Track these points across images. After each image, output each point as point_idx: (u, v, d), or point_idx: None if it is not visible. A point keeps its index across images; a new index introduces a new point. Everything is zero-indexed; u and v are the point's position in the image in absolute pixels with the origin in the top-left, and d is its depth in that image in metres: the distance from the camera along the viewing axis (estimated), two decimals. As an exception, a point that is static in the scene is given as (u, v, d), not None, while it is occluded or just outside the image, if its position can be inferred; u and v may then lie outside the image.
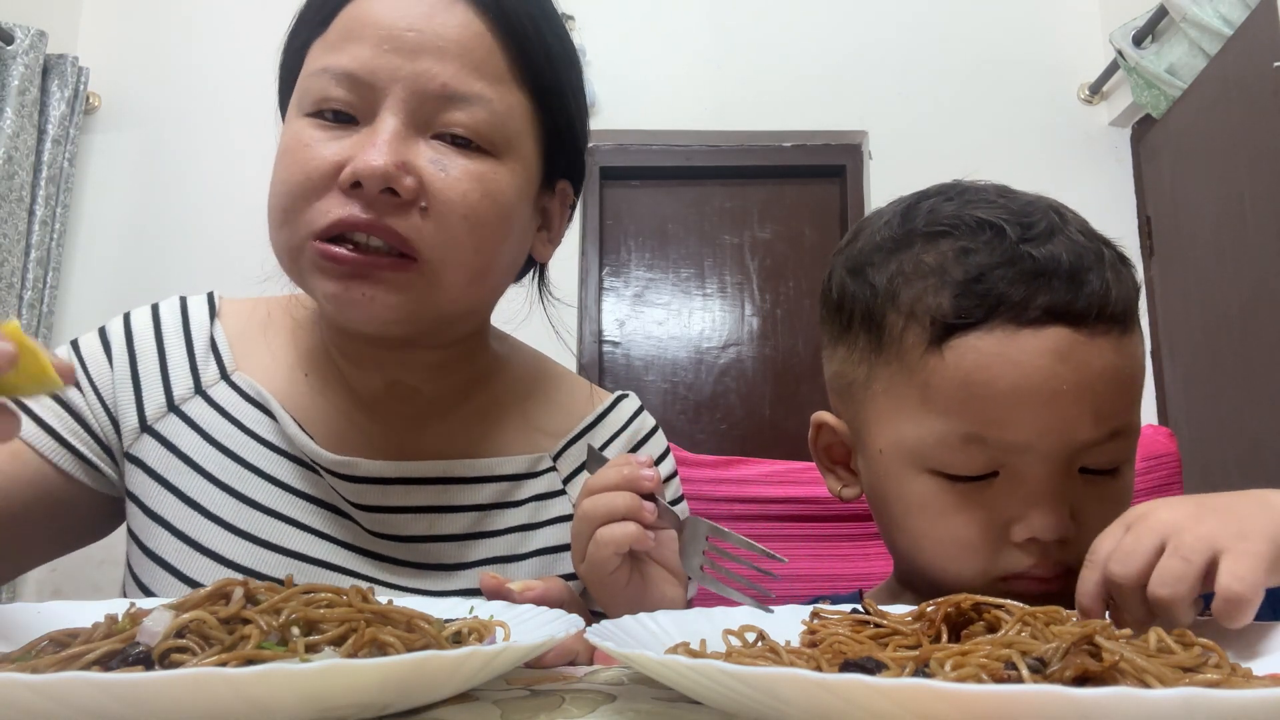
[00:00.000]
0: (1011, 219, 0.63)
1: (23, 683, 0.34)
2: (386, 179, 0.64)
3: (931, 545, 0.65)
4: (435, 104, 0.67)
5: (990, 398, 0.60)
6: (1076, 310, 0.60)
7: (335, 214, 0.66)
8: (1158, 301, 2.86)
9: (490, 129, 0.69)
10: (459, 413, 0.81)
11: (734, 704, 0.39)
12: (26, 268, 2.78)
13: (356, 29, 0.68)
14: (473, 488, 0.78)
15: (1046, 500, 0.61)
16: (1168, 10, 2.57)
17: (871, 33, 3.14)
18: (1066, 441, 0.61)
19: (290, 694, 0.36)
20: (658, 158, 3.16)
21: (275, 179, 0.69)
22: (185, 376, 0.77)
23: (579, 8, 3.00)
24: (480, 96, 0.68)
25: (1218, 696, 0.32)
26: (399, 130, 0.66)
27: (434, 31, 0.67)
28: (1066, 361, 0.59)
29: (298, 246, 0.68)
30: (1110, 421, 0.61)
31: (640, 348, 3.10)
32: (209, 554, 0.72)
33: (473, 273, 0.70)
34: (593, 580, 0.64)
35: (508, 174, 0.70)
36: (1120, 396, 0.62)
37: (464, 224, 0.67)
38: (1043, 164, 2.97)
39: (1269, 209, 2.23)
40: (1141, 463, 1.01)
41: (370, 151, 0.65)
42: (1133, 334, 0.64)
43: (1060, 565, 0.62)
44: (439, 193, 0.67)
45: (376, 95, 0.67)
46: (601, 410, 0.86)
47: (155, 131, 3.09)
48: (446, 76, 0.67)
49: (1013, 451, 0.61)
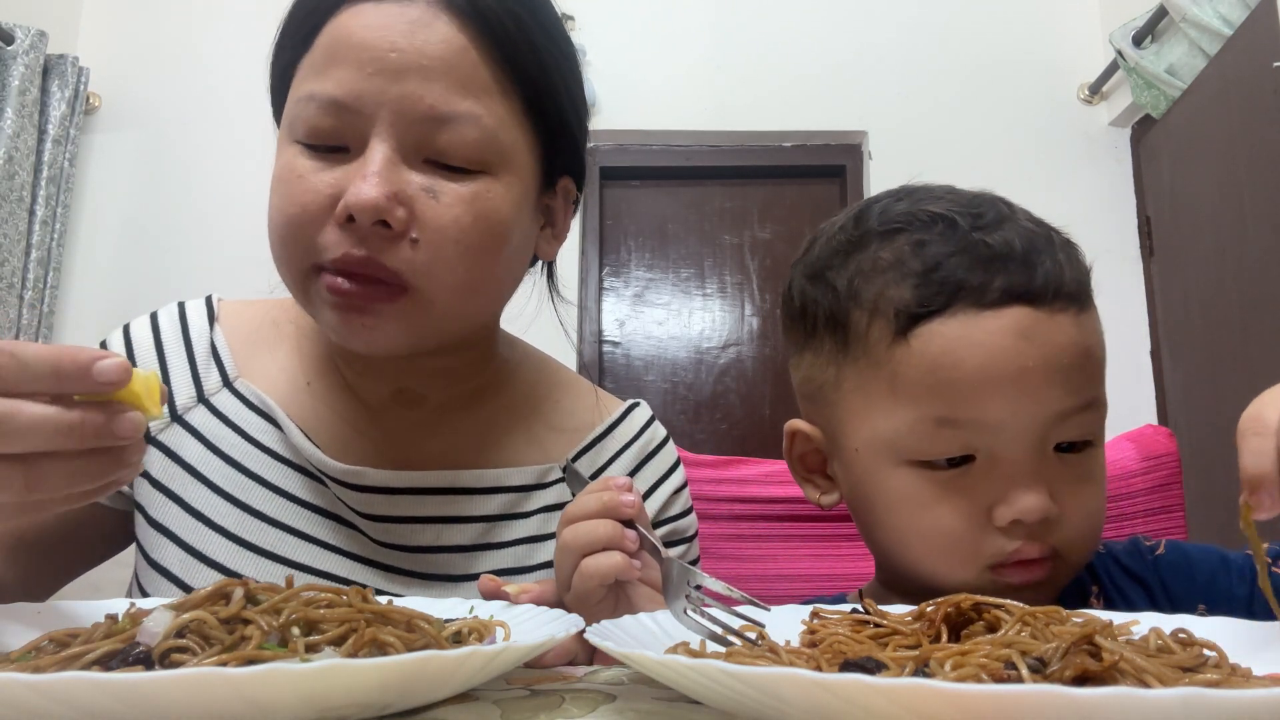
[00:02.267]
0: (962, 211, 0.65)
1: (23, 683, 0.34)
2: (378, 213, 0.64)
3: (917, 540, 0.65)
4: (423, 127, 0.66)
5: (958, 379, 0.61)
6: (1034, 289, 0.61)
7: (332, 253, 0.66)
8: (1158, 301, 2.86)
9: (481, 147, 0.68)
10: (468, 420, 0.81)
11: (734, 704, 0.39)
12: (26, 268, 2.78)
13: (340, 51, 0.67)
14: (481, 498, 0.78)
15: (1026, 479, 0.61)
16: (1167, 10, 2.57)
17: (871, 33, 3.14)
18: (1038, 416, 0.61)
19: (290, 694, 0.36)
20: (658, 158, 3.16)
21: (272, 208, 0.69)
22: (187, 385, 0.77)
23: (579, 8, 3.00)
24: (468, 115, 0.67)
25: (1218, 696, 0.32)
26: (389, 158, 0.66)
27: (416, 50, 0.66)
28: (1030, 339, 0.61)
29: (303, 277, 0.69)
30: (1080, 394, 0.62)
31: (640, 348, 3.10)
32: (213, 565, 0.72)
33: (467, 292, 0.70)
34: (578, 609, 0.63)
35: (503, 189, 0.70)
36: (1086, 370, 0.63)
37: (455, 249, 0.67)
38: (1043, 164, 2.98)
39: (1269, 209, 2.23)
40: (1141, 463, 1.01)
41: (362, 185, 0.64)
42: (1089, 311, 0.65)
43: (1046, 548, 0.63)
44: (429, 221, 0.66)
45: (364, 121, 0.66)
46: (613, 420, 0.85)
47: (155, 131, 3.09)
48: (433, 98, 0.66)
49: (986, 431, 0.62)
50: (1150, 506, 0.99)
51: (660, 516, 0.83)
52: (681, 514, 0.85)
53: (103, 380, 0.46)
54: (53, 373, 0.45)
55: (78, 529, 0.77)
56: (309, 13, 0.70)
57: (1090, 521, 0.65)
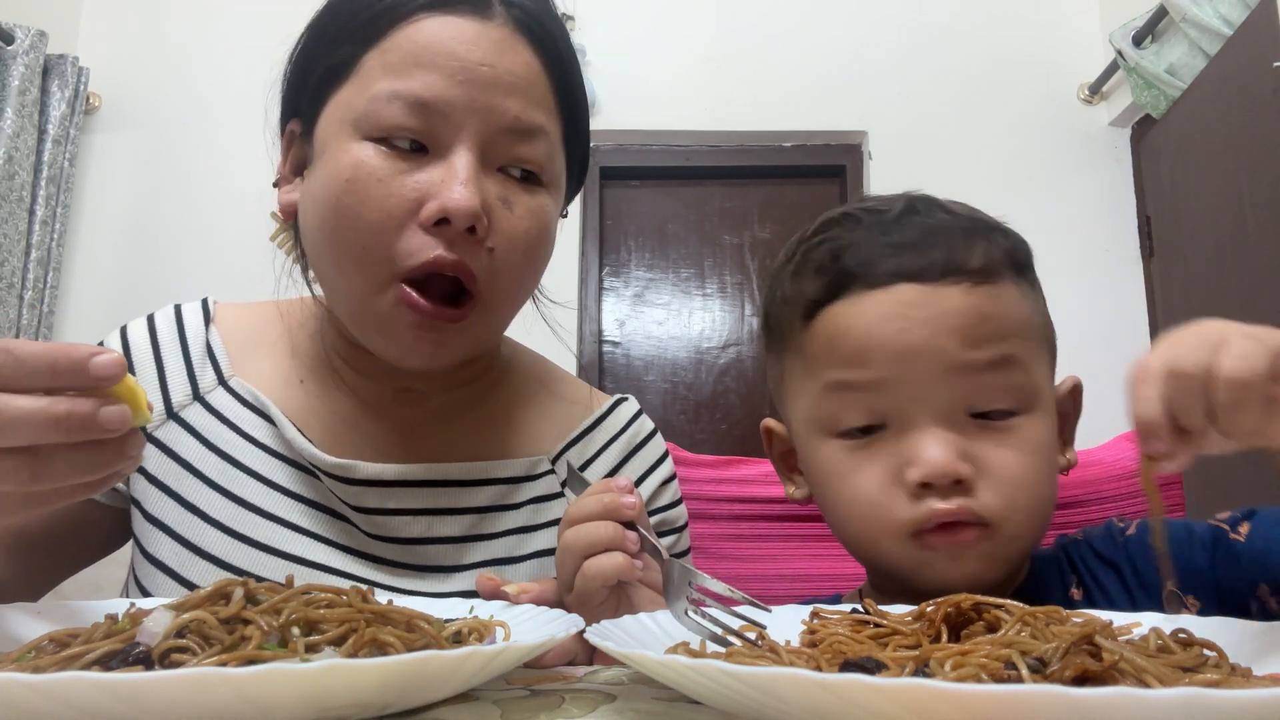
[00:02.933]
0: (870, 209, 0.72)
1: (23, 683, 0.34)
2: (473, 218, 0.66)
3: (844, 510, 0.69)
4: (505, 138, 0.69)
5: (846, 345, 0.67)
6: (920, 269, 0.66)
7: (427, 254, 0.66)
8: (1158, 301, 2.86)
9: (549, 161, 0.72)
10: (466, 417, 0.82)
11: (734, 704, 0.39)
12: (26, 268, 2.78)
13: (426, 56, 0.68)
14: (471, 490, 0.79)
15: (928, 439, 0.64)
16: (1168, 10, 2.57)
17: (871, 33, 3.14)
18: (929, 373, 0.65)
19: (290, 694, 0.36)
20: (658, 158, 3.16)
21: (343, 209, 0.67)
22: (183, 384, 0.78)
23: (579, 8, 3.00)
24: (543, 130, 0.71)
25: (1218, 696, 0.32)
26: (476, 166, 0.68)
27: (506, 68, 0.69)
28: (912, 307, 0.66)
29: (380, 286, 0.68)
30: (974, 350, 0.64)
31: (640, 348, 3.10)
32: (208, 557, 0.73)
33: (518, 300, 0.75)
34: (580, 610, 0.63)
35: (553, 204, 0.74)
36: (986, 328, 0.65)
37: (523, 259, 0.71)
38: (1043, 164, 2.98)
39: (1269, 209, 2.23)
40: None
41: (458, 189, 0.66)
42: (999, 284, 0.67)
43: (964, 511, 0.64)
44: (505, 231, 0.69)
45: (450, 126, 0.67)
46: (601, 413, 0.86)
47: (155, 131, 3.09)
48: (517, 110, 0.69)
49: (885, 395, 0.66)
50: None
51: (650, 507, 0.84)
52: (670, 504, 0.87)
53: (99, 375, 0.46)
54: (49, 368, 0.46)
55: (76, 527, 0.77)
56: (379, 13, 0.70)
57: (1016, 489, 0.65)
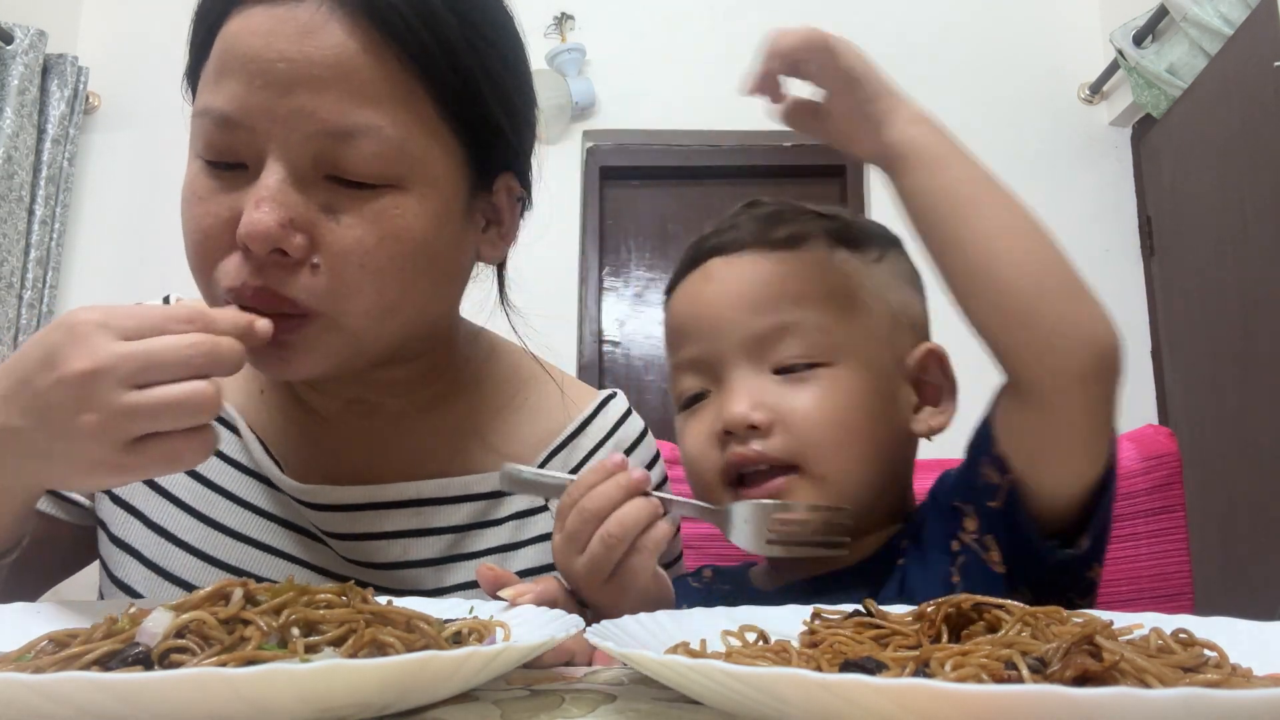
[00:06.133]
0: (724, 218, 0.80)
1: (23, 683, 0.34)
2: (271, 241, 0.60)
3: (685, 470, 0.77)
4: (319, 143, 0.61)
5: (672, 326, 0.79)
6: (722, 244, 0.77)
7: (234, 281, 0.62)
8: (1158, 301, 2.86)
9: (385, 160, 0.62)
10: (428, 427, 0.78)
11: (734, 704, 0.39)
12: (26, 268, 2.78)
13: (229, 60, 0.62)
14: (448, 508, 0.75)
15: (728, 392, 0.72)
16: (1168, 10, 2.57)
17: (871, 33, 3.12)
18: (731, 339, 0.73)
19: (290, 694, 0.36)
20: (658, 158, 3.16)
21: (183, 227, 0.65)
22: None
23: (579, 8, 3.00)
24: (368, 127, 0.61)
25: (1218, 696, 0.32)
26: (283, 180, 0.61)
27: (306, 59, 0.60)
28: (710, 279, 0.76)
29: (218, 304, 0.64)
30: (765, 316, 0.72)
31: (640, 348, 3.10)
32: (177, 582, 0.71)
33: (383, 314, 0.65)
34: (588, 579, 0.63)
35: (415, 201, 0.64)
36: (769, 296, 0.73)
37: (361, 272, 0.63)
38: (1043, 164, 2.97)
39: (1269, 209, 2.23)
40: (1141, 463, 1.01)
41: (254, 212, 0.59)
42: (804, 251, 0.75)
43: (760, 456, 0.70)
44: (330, 245, 0.62)
45: (258, 138, 0.61)
46: (587, 415, 0.82)
47: (155, 131, 3.08)
48: (325, 112, 0.60)
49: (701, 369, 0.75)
50: (1150, 506, 0.99)
51: None
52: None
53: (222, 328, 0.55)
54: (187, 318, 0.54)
55: (37, 546, 0.70)
56: (202, 16, 0.66)
57: (812, 428, 0.70)
